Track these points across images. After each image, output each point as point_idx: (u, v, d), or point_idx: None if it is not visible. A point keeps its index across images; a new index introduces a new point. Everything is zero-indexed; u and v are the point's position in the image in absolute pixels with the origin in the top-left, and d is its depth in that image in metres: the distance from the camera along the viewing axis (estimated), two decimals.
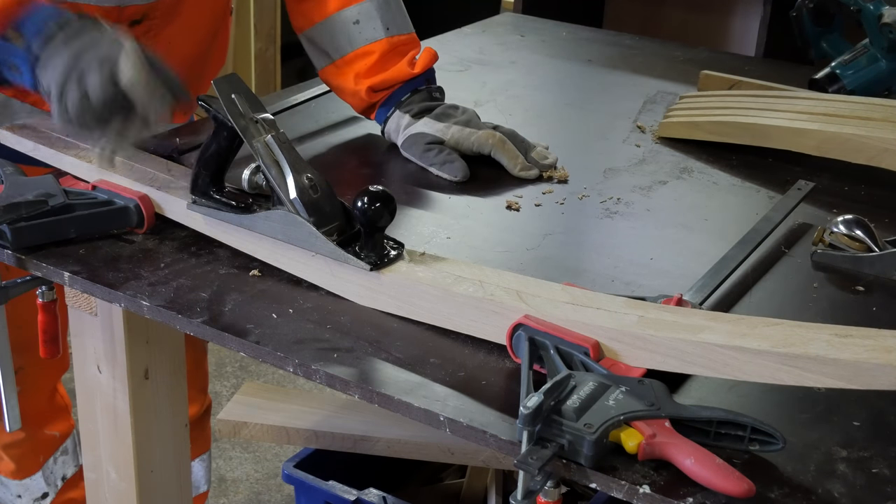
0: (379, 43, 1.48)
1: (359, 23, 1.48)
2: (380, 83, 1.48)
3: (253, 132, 1.13)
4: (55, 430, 1.71)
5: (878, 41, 1.68)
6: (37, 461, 1.70)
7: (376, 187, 1.07)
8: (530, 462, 0.82)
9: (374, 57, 1.48)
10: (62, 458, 1.74)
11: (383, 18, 1.49)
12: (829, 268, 1.20)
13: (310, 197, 1.11)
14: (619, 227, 1.30)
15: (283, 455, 2.47)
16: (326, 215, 1.11)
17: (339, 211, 1.13)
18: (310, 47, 1.54)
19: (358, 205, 1.06)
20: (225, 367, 2.80)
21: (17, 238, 1.14)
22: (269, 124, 1.14)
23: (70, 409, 1.75)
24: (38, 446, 1.69)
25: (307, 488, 1.56)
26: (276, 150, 1.12)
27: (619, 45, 2.08)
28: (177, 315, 1.05)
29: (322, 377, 0.97)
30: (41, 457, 1.70)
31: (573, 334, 0.95)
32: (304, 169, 1.13)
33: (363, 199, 1.06)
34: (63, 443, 1.73)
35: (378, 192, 1.07)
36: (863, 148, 1.43)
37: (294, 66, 4.01)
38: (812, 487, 0.84)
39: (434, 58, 1.51)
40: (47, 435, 1.70)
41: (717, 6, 3.26)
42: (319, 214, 1.11)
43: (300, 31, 1.54)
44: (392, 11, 1.51)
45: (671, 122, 1.59)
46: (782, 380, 0.87)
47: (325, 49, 1.52)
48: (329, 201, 1.13)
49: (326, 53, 1.52)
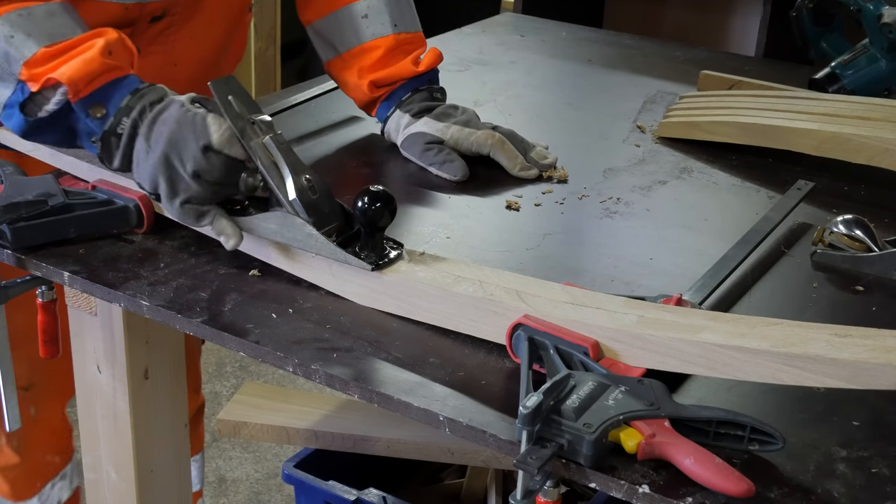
0: (385, 39, 1.49)
1: (367, 17, 1.49)
2: (383, 79, 1.48)
3: (250, 134, 1.11)
4: (57, 456, 1.70)
5: (878, 41, 1.68)
6: (33, 486, 1.67)
7: (377, 187, 1.07)
8: (530, 462, 0.82)
9: (380, 52, 1.48)
10: (60, 484, 1.72)
11: (392, 14, 1.49)
12: (829, 268, 1.20)
13: (308, 198, 1.11)
14: (618, 226, 1.30)
15: (283, 455, 2.47)
16: (325, 216, 1.11)
17: (338, 211, 1.13)
18: (317, 39, 1.54)
19: (358, 205, 1.06)
20: (225, 367, 2.80)
21: (17, 238, 1.14)
22: (267, 126, 1.13)
23: (72, 435, 1.74)
24: (36, 471, 1.67)
25: (307, 488, 1.56)
26: (274, 151, 1.11)
27: (619, 45, 2.08)
28: (176, 315, 1.05)
29: (322, 377, 0.97)
30: (38, 483, 1.68)
31: (573, 334, 0.95)
32: (303, 170, 1.12)
33: (363, 199, 1.06)
34: (63, 468, 1.72)
35: (378, 192, 1.07)
36: (862, 148, 1.43)
37: (294, 66, 4.01)
38: (812, 487, 0.84)
39: (439, 58, 1.51)
40: (48, 461, 1.69)
41: (717, 6, 3.26)
42: (318, 215, 1.10)
43: (308, 23, 1.54)
44: (401, 8, 1.51)
45: (671, 122, 1.59)
46: (782, 380, 0.87)
47: (332, 41, 1.52)
48: (327, 202, 1.12)
49: (333, 46, 1.52)
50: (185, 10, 1.40)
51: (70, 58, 1.13)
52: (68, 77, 1.11)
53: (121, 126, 1.13)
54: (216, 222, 1.12)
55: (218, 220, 1.12)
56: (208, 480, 2.38)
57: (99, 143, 1.15)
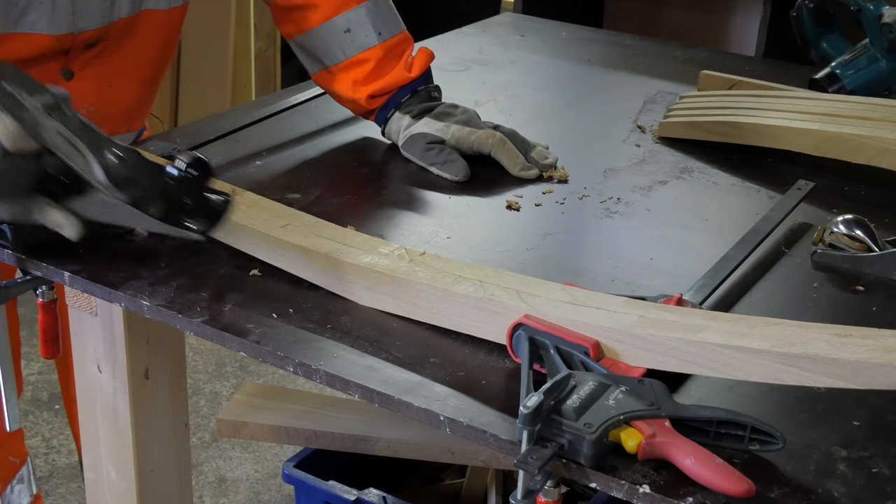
0: (373, 50, 1.47)
1: (350, 31, 1.46)
2: (378, 90, 1.47)
3: (40, 120, 0.99)
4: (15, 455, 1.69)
5: (878, 41, 1.68)
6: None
7: (187, 154, 1.03)
8: (530, 462, 0.82)
9: (371, 65, 1.47)
10: (18, 487, 1.71)
11: (374, 24, 1.47)
12: (829, 268, 1.20)
13: (121, 173, 1.01)
14: (619, 226, 1.30)
15: (283, 455, 2.47)
16: (146, 186, 1.02)
17: (159, 174, 1.04)
18: (301, 53, 1.53)
19: (174, 173, 1.02)
20: (225, 367, 2.80)
21: (17, 238, 1.13)
22: (53, 107, 1.01)
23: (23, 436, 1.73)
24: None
25: (307, 488, 1.56)
26: (68, 135, 0.99)
27: (619, 45, 2.08)
28: (177, 315, 1.05)
29: (322, 377, 0.97)
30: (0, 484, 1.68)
31: (573, 334, 0.95)
32: (106, 145, 1.01)
33: (176, 167, 1.02)
34: (20, 470, 1.71)
35: (190, 158, 1.02)
36: (862, 148, 1.43)
37: (294, 66, 4.01)
38: (812, 487, 0.84)
39: (430, 58, 1.50)
40: (9, 461, 1.68)
41: (717, 6, 3.26)
42: (137, 188, 1.02)
43: (289, 37, 1.52)
44: (382, 14, 1.49)
45: (671, 122, 1.59)
46: (782, 379, 0.87)
47: (317, 55, 1.50)
48: (144, 171, 1.03)
49: (319, 60, 1.51)
50: (119, 35, 1.39)
51: None
52: None
53: None
54: (46, 215, 1.05)
55: (48, 212, 1.05)
56: (208, 480, 2.38)
57: None
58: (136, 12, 1.38)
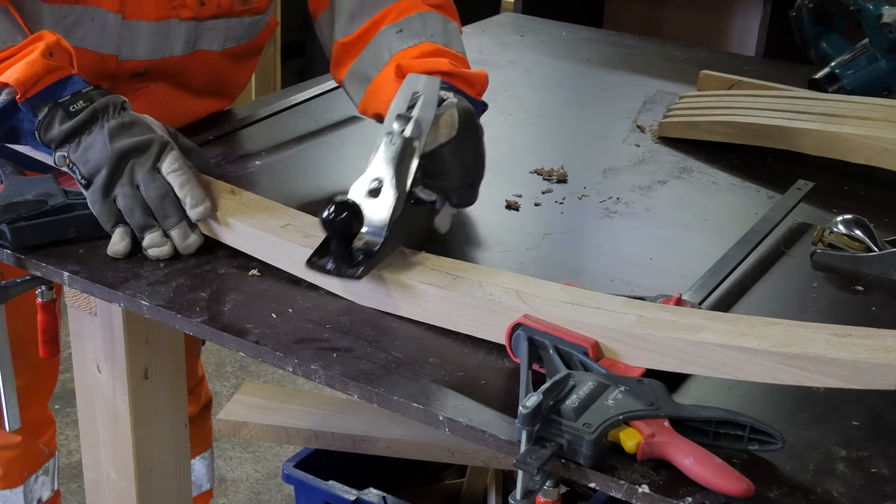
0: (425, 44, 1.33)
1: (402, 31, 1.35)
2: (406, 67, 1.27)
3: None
4: (45, 444, 1.71)
5: (877, 41, 1.68)
6: (21, 474, 1.68)
7: (341, 197, 1.05)
8: (529, 462, 0.82)
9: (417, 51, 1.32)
10: (42, 479, 1.72)
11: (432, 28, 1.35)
12: (829, 268, 1.20)
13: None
14: (618, 226, 1.30)
15: (283, 455, 2.47)
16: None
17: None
18: (350, 82, 1.41)
19: (324, 216, 1.04)
20: (225, 367, 2.80)
21: (17, 238, 1.14)
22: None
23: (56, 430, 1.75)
24: (28, 456, 1.68)
25: (307, 488, 1.56)
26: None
27: (619, 45, 2.08)
28: (176, 315, 1.05)
29: (322, 377, 0.97)
30: (26, 471, 1.69)
31: (572, 334, 0.95)
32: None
33: (330, 210, 1.04)
34: (47, 461, 1.73)
35: (344, 202, 1.05)
36: (862, 148, 1.43)
37: (294, 66, 4.02)
38: (811, 487, 0.84)
39: (483, 82, 1.33)
40: (38, 448, 1.70)
41: (717, 6, 3.26)
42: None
43: (342, 76, 1.42)
44: (448, 35, 1.35)
45: (671, 121, 1.59)
46: (781, 379, 0.87)
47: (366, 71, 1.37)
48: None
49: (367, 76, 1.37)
50: (168, 69, 1.42)
51: (13, 62, 1.17)
52: (15, 79, 1.15)
53: (74, 105, 1.16)
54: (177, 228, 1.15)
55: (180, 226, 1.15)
56: None
57: (45, 109, 1.16)
58: (190, 52, 1.42)
